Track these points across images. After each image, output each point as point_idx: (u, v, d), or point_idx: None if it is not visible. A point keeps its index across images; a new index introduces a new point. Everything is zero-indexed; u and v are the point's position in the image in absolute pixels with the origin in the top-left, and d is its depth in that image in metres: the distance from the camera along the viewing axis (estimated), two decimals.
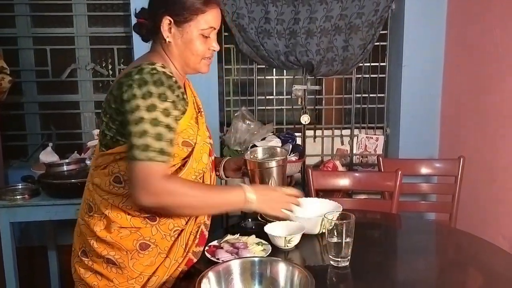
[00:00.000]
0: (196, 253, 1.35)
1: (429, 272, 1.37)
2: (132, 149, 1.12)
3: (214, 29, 1.27)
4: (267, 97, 2.95)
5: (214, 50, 1.30)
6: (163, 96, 1.14)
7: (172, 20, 1.22)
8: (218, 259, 1.34)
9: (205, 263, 1.30)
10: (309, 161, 3.00)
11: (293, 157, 2.75)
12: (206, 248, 1.42)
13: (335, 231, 1.33)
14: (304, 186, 2.91)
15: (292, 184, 2.86)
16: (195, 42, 1.24)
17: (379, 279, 1.29)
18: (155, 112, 1.12)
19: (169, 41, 1.24)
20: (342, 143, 3.04)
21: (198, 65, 1.29)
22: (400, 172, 1.98)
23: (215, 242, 1.47)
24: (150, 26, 1.26)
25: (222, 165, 1.56)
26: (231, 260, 1.17)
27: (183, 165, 1.25)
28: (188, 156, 1.25)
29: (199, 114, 1.33)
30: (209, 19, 1.24)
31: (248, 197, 1.25)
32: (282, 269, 1.13)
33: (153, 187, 1.12)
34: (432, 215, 2.58)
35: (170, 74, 1.19)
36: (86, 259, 1.27)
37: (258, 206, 1.28)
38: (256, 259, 1.16)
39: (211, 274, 1.09)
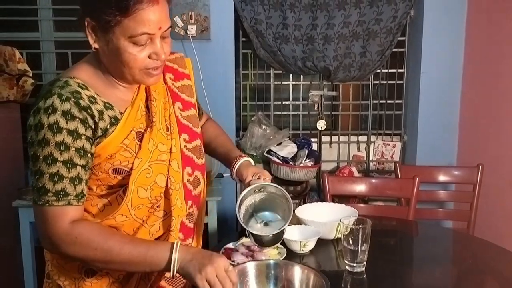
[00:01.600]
0: (173, 280, 1.13)
1: (445, 280, 1.35)
2: (32, 190, 0.97)
3: (150, 34, 0.96)
4: (284, 102, 2.96)
5: (157, 60, 1.00)
6: (55, 127, 0.93)
7: (94, 23, 0.97)
8: (233, 261, 1.35)
9: None
10: (325, 167, 2.99)
11: (309, 163, 2.75)
12: (222, 250, 1.43)
13: (351, 236, 1.32)
14: (319, 192, 2.90)
15: (307, 190, 2.86)
16: (123, 53, 0.96)
17: (395, 286, 1.28)
18: (48, 147, 0.94)
19: (95, 48, 1.01)
20: (359, 150, 3.03)
21: (137, 77, 1.01)
22: (417, 179, 1.97)
23: (230, 245, 1.47)
24: (81, 28, 1.01)
25: (236, 168, 1.27)
26: (246, 262, 1.17)
27: (123, 191, 1.03)
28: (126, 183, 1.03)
29: (148, 128, 1.07)
30: (139, 22, 0.94)
31: (173, 258, 0.97)
32: (297, 272, 1.12)
33: (52, 235, 0.96)
34: (450, 223, 2.54)
35: (68, 96, 0.95)
36: (49, 280, 1.13)
37: (182, 268, 0.97)
38: (272, 261, 1.16)
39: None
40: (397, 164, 2.37)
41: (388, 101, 2.93)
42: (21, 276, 2.21)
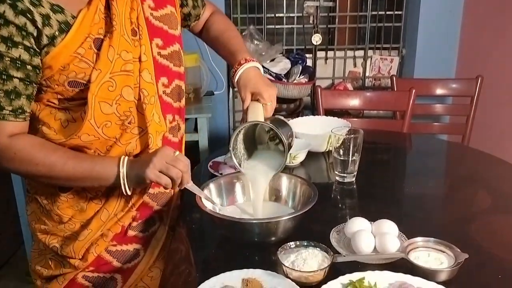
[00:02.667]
0: (157, 196, 1.09)
1: (437, 189, 1.33)
2: None
3: None
4: (277, 15, 2.79)
5: None
6: None
7: None
8: (221, 174, 1.32)
9: (208, 178, 1.26)
10: (320, 83, 2.90)
11: (303, 80, 2.66)
12: (210, 163, 1.40)
13: (342, 146, 1.28)
14: (313, 110, 2.84)
15: (301, 107, 2.79)
16: None
17: (385, 195, 1.26)
18: None
19: None
20: (355, 65, 2.92)
21: None
22: (413, 91, 1.90)
23: (219, 158, 1.44)
24: None
25: (236, 79, 1.12)
26: (233, 173, 1.14)
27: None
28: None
29: (108, 34, 0.93)
30: None
31: (121, 172, 0.93)
32: (284, 182, 1.09)
33: None
34: (445, 137, 2.51)
35: None
36: (29, 194, 1.10)
37: (131, 179, 0.94)
38: None
39: (212, 186, 1.06)
40: (394, 77, 2.28)
41: (388, 12, 2.77)
42: (12, 194, 2.21)
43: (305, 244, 0.91)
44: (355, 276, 0.84)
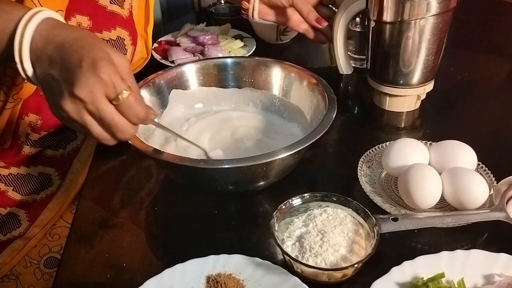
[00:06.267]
0: None
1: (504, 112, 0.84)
2: None
3: None
4: None
5: None
6: None
7: None
8: (172, 62, 0.85)
9: (153, 70, 0.77)
10: None
11: None
12: (155, 45, 0.92)
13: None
14: None
15: None
16: None
17: (456, 105, 0.80)
18: None
19: None
20: None
21: None
22: None
23: (169, 36, 0.95)
24: None
25: None
26: (186, 63, 0.67)
27: None
28: None
29: None
30: None
31: (16, 38, 0.44)
32: (276, 76, 0.64)
33: None
34: None
35: None
36: None
37: (39, 77, 0.45)
38: (230, 60, 0.66)
39: (144, 93, 0.60)
40: None
41: None
42: None
43: (317, 196, 0.49)
44: (419, 267, 0.44)
